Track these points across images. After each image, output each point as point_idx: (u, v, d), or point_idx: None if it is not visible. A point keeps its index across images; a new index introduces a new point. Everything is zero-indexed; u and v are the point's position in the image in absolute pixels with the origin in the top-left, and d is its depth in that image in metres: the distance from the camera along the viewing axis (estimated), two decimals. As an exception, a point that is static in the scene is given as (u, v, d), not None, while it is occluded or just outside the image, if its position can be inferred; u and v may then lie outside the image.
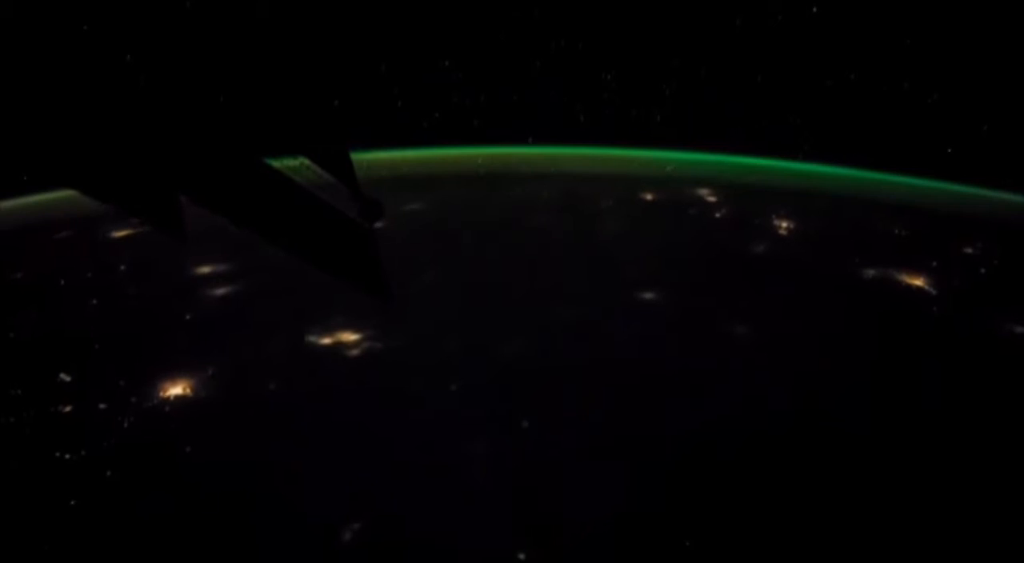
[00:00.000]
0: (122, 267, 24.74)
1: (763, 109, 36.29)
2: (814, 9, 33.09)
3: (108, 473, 13.34)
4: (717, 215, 30.78)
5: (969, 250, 27.63)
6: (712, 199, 34.09)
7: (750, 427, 14.43)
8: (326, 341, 17.70)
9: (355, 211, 4.82)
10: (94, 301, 21.20)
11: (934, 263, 24.90)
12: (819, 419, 14.72)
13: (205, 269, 23.57)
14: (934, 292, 22.46)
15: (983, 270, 25.17)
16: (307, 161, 4.48)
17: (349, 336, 17.84)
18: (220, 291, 21.58)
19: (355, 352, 17.26)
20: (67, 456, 13.71)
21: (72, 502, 12.58)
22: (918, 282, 22.96)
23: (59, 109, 3.80)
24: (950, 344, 18.53)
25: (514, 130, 39.71)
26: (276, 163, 4.45)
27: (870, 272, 23.56)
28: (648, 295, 20.58)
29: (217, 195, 4.26)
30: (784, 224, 29.54)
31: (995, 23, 29.00)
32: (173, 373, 16.44)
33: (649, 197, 34.24)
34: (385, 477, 13.04)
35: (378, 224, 4.98)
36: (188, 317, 19.69)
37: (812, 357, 16.86)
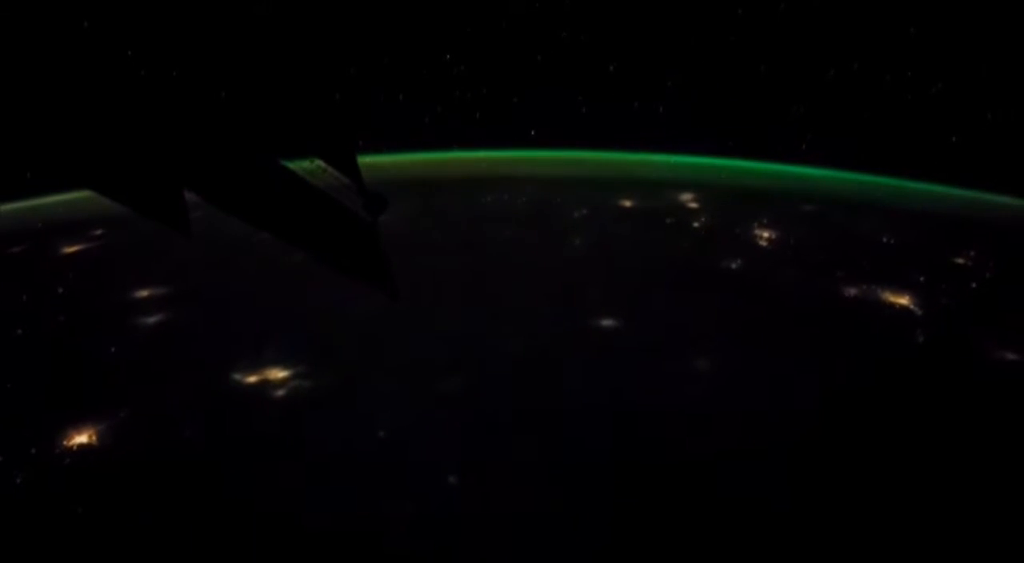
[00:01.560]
0: (60, 289, 23.47)
1: (762, 104, 34.86)
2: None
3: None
4: (695, 225, 29.23)
5: (961, 261, 26.17)
6: (694, 206, 32.57)
7: (710, 475, 13.16)
8: (252, 379, 16.36)
9: (359, 205, 4.79)
10: (19, 331, 19.92)
11: (921, 278, 23.43)
12: (781, 468, 13.38)
13: (144, 292, 22.28)
14: (919, 312, 21.01)
15: (974, 285, 23.70)
16: (319, 161, 4.46)
17: (277, 373, 16.50)
18: (153, 319, 20.24)
19: (280, 393, 15.91)
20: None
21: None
22: (903, 301, 21.50)
23: (61, 108, 3.70)
24: (932, 374, 17.15)
25: (515, 125, 38.81)
26: (289, 164, 4.44)
27: (851, 290, 22.08)
28: (607, 322, 19.14)
29: (224, 192, 4.25)
30: (766, 234, 28.00)
31: (999, 12, 27.45)
32: (82, 418, 15.14)
33: (627, 204, 32.73)
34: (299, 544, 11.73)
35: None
36: (113, 349, 18.37)
37: (774, 395, 15.43)
